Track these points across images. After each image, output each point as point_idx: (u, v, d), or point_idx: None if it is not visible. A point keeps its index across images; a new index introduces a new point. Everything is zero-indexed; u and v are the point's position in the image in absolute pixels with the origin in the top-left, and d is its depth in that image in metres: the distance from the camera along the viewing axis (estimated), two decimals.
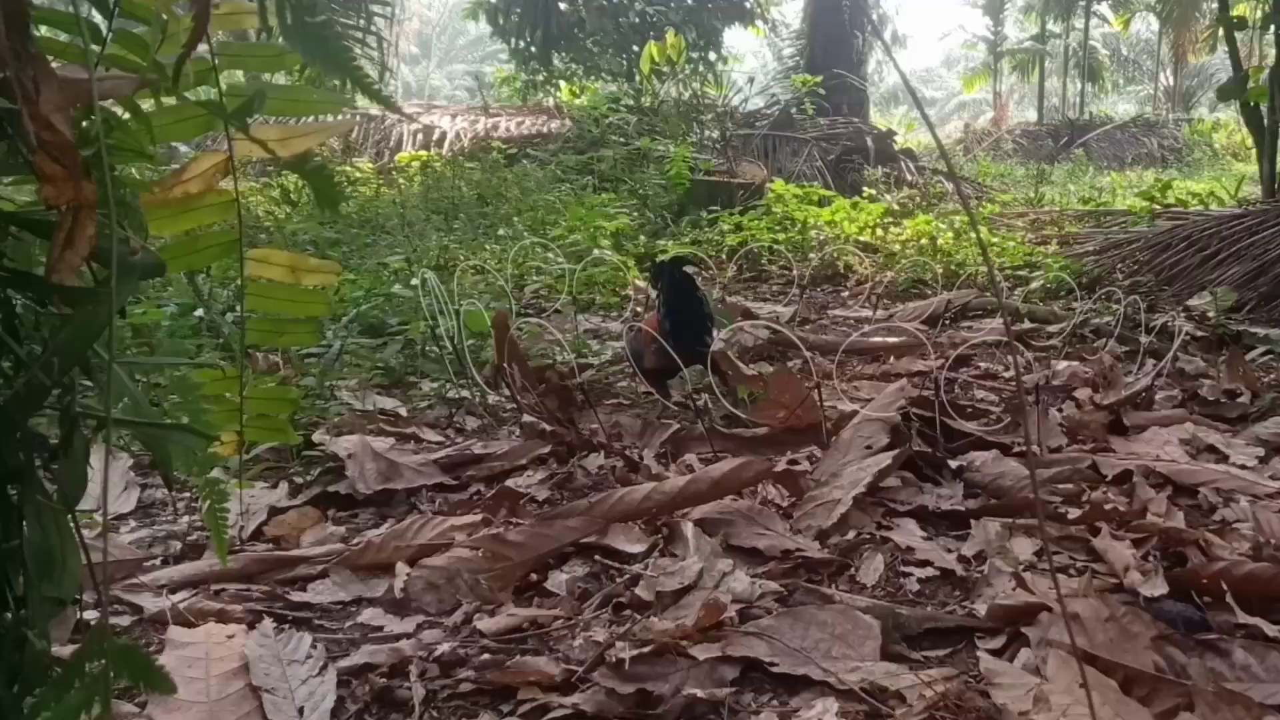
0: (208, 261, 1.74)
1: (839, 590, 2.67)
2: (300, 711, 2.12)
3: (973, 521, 3.08)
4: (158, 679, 1.31)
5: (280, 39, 1.47)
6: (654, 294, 4.75)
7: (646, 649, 2.26)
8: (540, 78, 23.15)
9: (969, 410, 4.20)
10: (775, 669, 2.23)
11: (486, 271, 7.27)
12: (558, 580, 2.77)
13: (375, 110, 16.48)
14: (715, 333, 4.52)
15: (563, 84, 22.51)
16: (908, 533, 3.05)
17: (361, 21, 14.44)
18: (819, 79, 18.07)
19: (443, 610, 2.62)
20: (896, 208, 12.10)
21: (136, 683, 1.34)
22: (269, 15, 1.42)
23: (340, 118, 1.68)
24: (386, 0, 16.40)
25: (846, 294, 8.30)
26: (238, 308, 5.19)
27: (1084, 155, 29.84)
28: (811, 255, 9.09)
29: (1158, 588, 2.50)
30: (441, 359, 4.92)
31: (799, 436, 3.93)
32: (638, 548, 2.93)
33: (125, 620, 2.58)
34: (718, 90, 20.43)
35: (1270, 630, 2.29)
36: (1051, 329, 6.33)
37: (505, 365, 4.29)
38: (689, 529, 2.94)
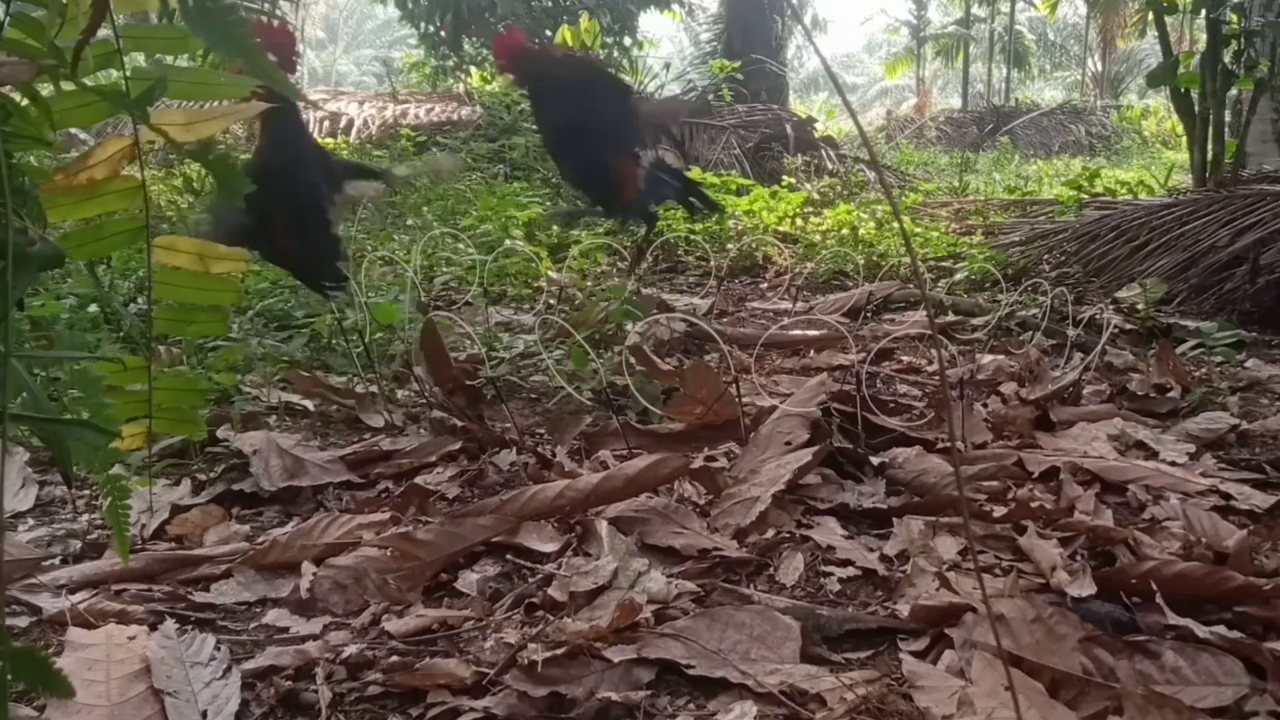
0: (113, 249, 1.74)
1: (757, 590, 2.70)
2: (204, 715, 2.11)
3: (895, 520, 3.10)
4: (56, 682, 1.32)
5: (182, 21, 1.47)
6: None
7: (559, 651, 2.27)
8: (450, 63, 23.02)
9: (891, 405, 4.23)
10: (692, 671, 2.25)
11: (394, 263, 7.24)
12: (468, 580, 2.77)
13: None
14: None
15: (473, 70, 22.40)
16: (828, 531, 3.07)
17: (266, 5, 14.33)
18: (737, 64, 18.13)
19: (350, 611, 2.62)
20: (817, 197, 12.12)
21: (35, 686, 1.34)
22: None
23: (246, 102, 1.67)
24: None
25: (765, 286, 8.32)
26: (139, 299, 5.16)
27: (1009, 143, 30.09)
28: (729, 246, 9.10)
29: (1085, 588, 2.53)
30: (349, 353, 4.92)
31: (716, 432, 3.95)
32: (550, 547, 2.94)
33: (23, 621, 2.56)
34: (633, 76, 20.44)
35: (1201, 631, 2.32)
36: (976, 321, 6.38)
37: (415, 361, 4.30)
38: (603, 527, 2.95)
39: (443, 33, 22.77)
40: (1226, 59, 9.07)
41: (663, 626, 2.42)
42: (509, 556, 2.92)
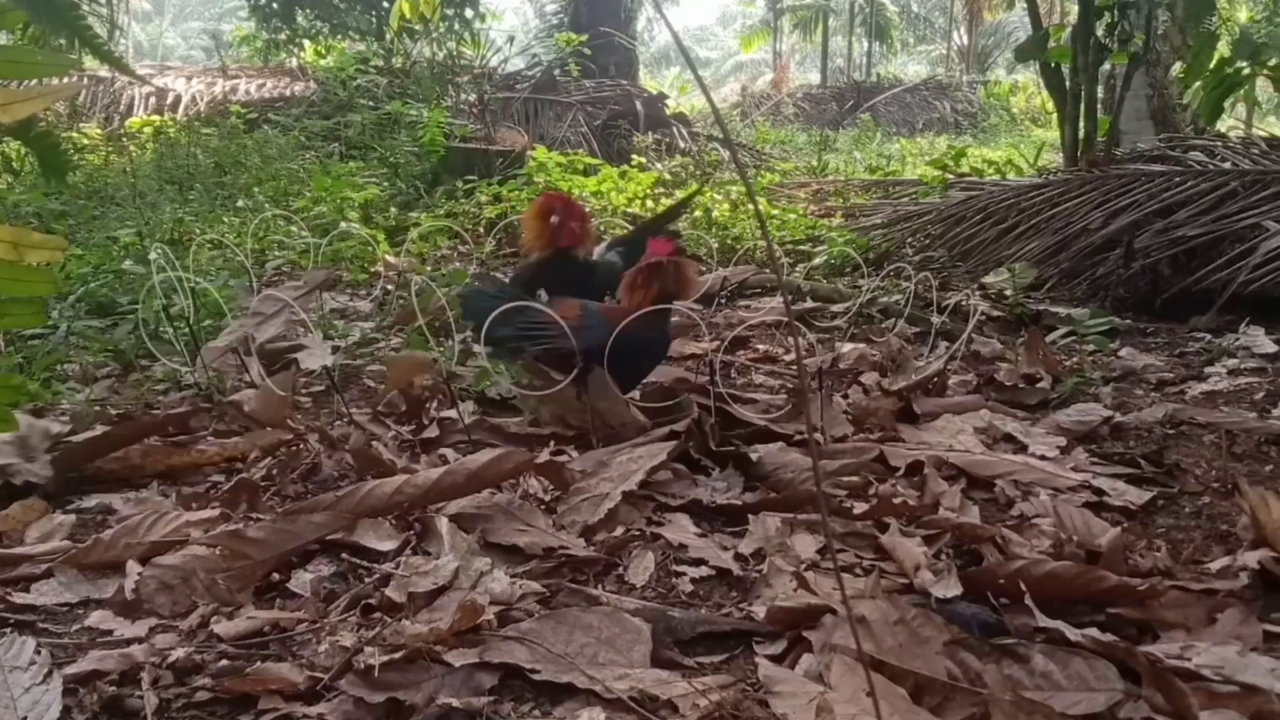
0: None
1: (606, 591, 2.70)
2: None
3: (751, 517, 3.10)
4: None
5: None
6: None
7: (398, 655, 2.25)
8: (282, 36, 22.80)
9: (747, 397, 4.25)
10: (537, 676, 2.24)
11: (225, 246, 7.17)
12: (302, 580, 2.75)
13: (104, 72, 16.30)
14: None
15: (307, 43, 22.26)
16: (680, 529, 3.08)
17: None
18: (584, 38, 18.18)
19: (177, 613, 2.59)
20: (668, 177, 12.20)
21: None
22: None
23: (67, 80, 1.66)
24: None
25: None
26: None
27: (871, 120, 30.37)
28: None
29: (951, 588, 2.55)
30: (176, 341, 4.86)
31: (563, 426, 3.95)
32: (388, 545, 2.92)
33: None
34: (475, 50, 20.37)
35: (1072, 634, 2.33)
36: (836, 308, 6.44)
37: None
38: (444, 525, 2.94)
39: (274, 5, 22.53)
40: (1099, 32, 9.16)
41: (506, 629, 2.41)
42: (344, 555, 2.90)
